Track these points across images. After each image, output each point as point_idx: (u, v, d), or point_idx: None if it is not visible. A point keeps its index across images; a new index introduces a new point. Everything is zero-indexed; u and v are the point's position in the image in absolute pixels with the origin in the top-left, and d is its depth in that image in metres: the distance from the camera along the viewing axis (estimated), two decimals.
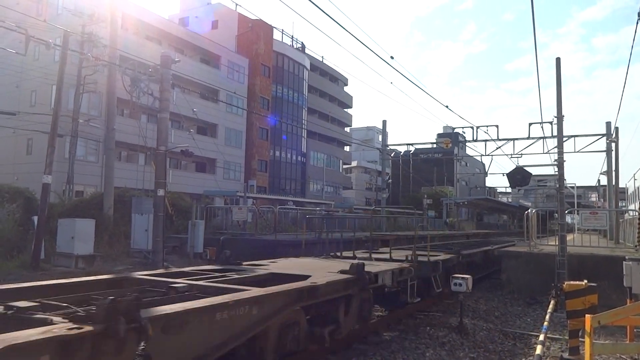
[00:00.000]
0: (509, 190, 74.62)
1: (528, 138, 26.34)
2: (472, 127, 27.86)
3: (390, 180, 68.08)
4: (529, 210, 15.92)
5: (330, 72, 64.36)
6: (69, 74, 18.91)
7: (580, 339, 6.60)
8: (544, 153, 26.98)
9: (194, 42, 41.89)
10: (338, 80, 67.64)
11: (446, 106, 23.70)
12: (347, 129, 72.16)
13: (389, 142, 36.21)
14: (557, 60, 13.56)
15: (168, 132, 15.98)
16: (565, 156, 14.20)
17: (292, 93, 53.05)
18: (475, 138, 27.85)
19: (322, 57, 70.63)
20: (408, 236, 27.54)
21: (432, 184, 60.77)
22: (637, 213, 16.30)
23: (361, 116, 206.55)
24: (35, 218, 16.00)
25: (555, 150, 14.57)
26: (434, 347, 7.52)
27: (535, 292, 12.33)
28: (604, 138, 24.79)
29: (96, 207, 20.25)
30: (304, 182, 54.32)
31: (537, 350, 5.35)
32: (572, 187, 44.59)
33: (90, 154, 31.43)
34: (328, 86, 64.85)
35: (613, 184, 23.38)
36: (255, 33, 47.57)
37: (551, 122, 22.83)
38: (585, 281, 6.83)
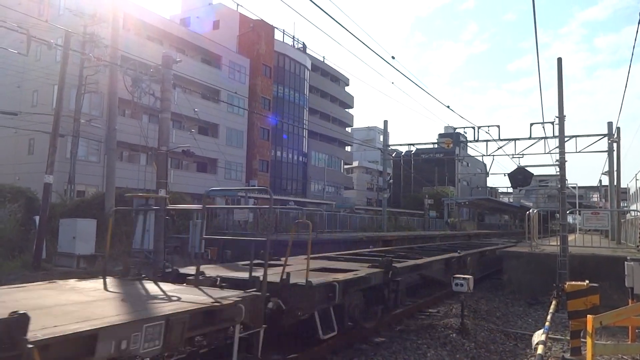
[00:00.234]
0: (510, 190, 74.66)
1: (529, 138, 26.30)
2: (473, 127, 27.84)
3: (391, 181, 68.12)
4: (530, 211, 15.90)
5: (332, 72, 64.36)
6: (70, 74, 18.94)
7: (582, 340, 6.58)
8: (545, 153, 26.98)
9: (195, 42, 41.90)
10: (339, 80, 67.63)
11: (447, 106, 23.67)
12: (349, 129, 72.16)
13: (390, 142, 36.16)
14: (559, 60, 13.55)
15: (169, 132, 15.97)
16: (567, 156, 14.20)
17: (293, 93, 53.04)
18: (476, 138, 27.82)
19: (324, 57, 70.74)
20: (409, 237, 27.65)
21: (434, 184, 60.77)
22: (639, 213, 16.27)
23: (362, 116, 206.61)
24: (37, 218, 16.03)
25: (557, 150, 14.55)
26: (435, 348, 7.52)
27: (537, 293, 12.31)
28: (606, 138, 24.74)
29: (97, 207, 20.25)
30: (305, 183, 54.31)
31: (539, 350, 5.35)
32: (574, 188, 44.50)
33: (92, 154, 31.45)
34: (329, 86, 64.83)
35: (615, 184, 23.33)
36: (256, 33, 47.58)
37: (552, 122, 22.81)
38: (586, 281, 6.81)
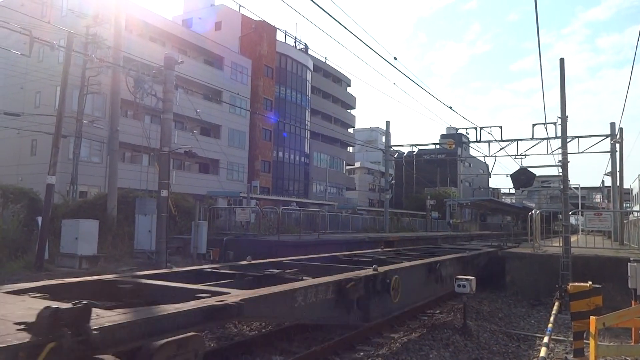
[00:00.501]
0: (512, 191, 74.55)
1: (532, 139, 26.28)
2: (475, 128, 27.83)
3: (393, 182, 68.07)
4: (532, 212, 15.87)
5: (334, 73, 64.38)
6: (73, 75, 18.97)
7: (584, 341, 6.56)
8: (547, 154, 26.96)
9: (197, 43, 41.98)
10: (341, 81, 67.64)
11: (449, 107, 23.65)
12: (351, 130, 72.17)
13: (392, 143, 36.17)
14: (561, 60, 13.52)
15: (171, 133, 15.99)
16: (570, 157, 14.17)
17: (295, 94, 53.07)
18: (478, 139, 27.81)
19: (325, 58, 70.69)
20: (411, 238, 27.59)
21: (436, 185, 60.71)
22: None
23: (364, 117, 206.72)
24: (40, 219, 16.05)
25: (559, 151, 14.50)
26: (437, 349, 7.50)
27: (540, 294, 12.28)
28: (608, 139, 24.72)
29: (100, 208, 20.30)
30: (307, 183, 54.32)
31: (542, 352, 5.32)
32: (576, 188, 44.45)
33: (94, 155, 31.51)
34: (331, 87, 64.84)
35: (617, 184, 23.30)
36: (258, 34, 47.63)
37: (555, 123, 22.82)
38: (589, 283, 6.79)
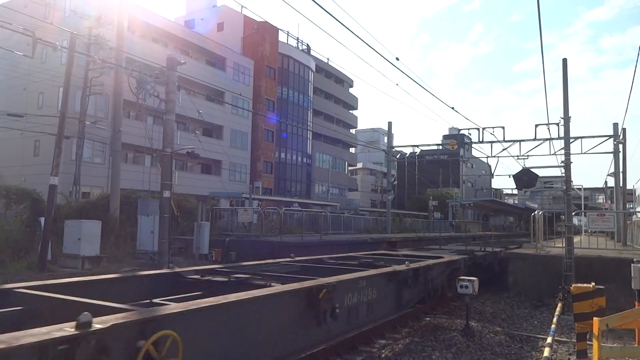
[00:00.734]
0: (515, 191, 74.38)
1: (534, 139, 26.23)
2: (478, 129, 27.79)
3: (395, 182, 67.98)
4: (535, 212, 15.83)
5: (336, 73, 64.38)
6: (75, 76, 19.01)
7: (588, 342, 6.54)
8: (550, 154, 26.91)
9: (199, 44, 42.04)
10: (343, 81, 67.63)
11: (452, 107, 23.66)
12: (353, 131, 72.12)
13: (394, 144, 36.10)
14: (564, 61, 13.49)
15: (174, 133, 16.00)
16: (572, 157, 14.12)
17: (298, 95, 53.09)
18: (481, 139, 27.77)
19: (328, 58, 70.55)
20: (414, 238, 27.57)
21: (438, 186, 60.65)
22: None
23: (367, 118, 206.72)
24: (42, 219, 16.09)
25: (562, 151, 14.49)
26: (440, 350, 7.49)
27: (543, 295, 12.25)
28: (611, 139, 24.66)
29: (102, 209, 20.33)
30: (309, 184, 54.31)
31: (545, 353, 5.31)
32: (579, 189, 44.30)
33: (97, 156, 31.57)
34: (333, 88, 64.83)
35: (620, 185, 23.22)
36: (260, 35, 47.67)
37: (558, 124, 22.79)
38: (592, 284, 6.77)
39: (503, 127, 26.87)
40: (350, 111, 69.84)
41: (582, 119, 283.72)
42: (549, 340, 5.95)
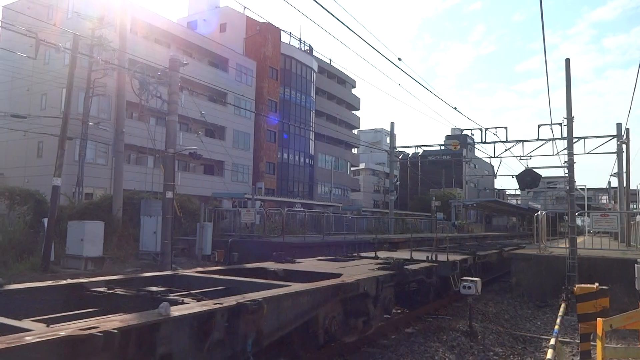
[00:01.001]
0: (518, 192, 74.32)
1: (537, 140, 26.12)
2: (480, 129, 27.69)
3: (398, 183, 67.94)
4: (538, 213, 15.79)
5: (338, 74, 64.38)
6: (78, 77, 19.06)
7: (591, 343, 6.51)
8: (553, 155, 26.86)
9: (202, 45, 42.10)
10: (346, 82, 67.61)
11: (454, 108, 23.61)
12: (355, 131, 72.08)
13: (397, 144, 36.11)
14: (567, 61, 13.45)
15: (176, 134, 16.05)
16: (576, 158, 14.08)
17: (300, 95, 53.11)
18: (484, 140, 27.66)
19: (330, 59, 70.56)
20: (416, 239, 27.53)
21: (441, 186, 60.55)
22: None
23: (369, 118, 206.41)
24: (46, 220, 16.13)
25: (565, 151, 14.44)
26: (443, 351, 7.47)
27: (546, 295, 12.21)
28: (615, 139, 24.56)
29: (105, 210, 20.37)
30: (312, 185, 54.32)
31: (548, 354, 5.28)
32: (583, 189, 44.15)
33: (100, 157, 31.65)
34: (336, 88, 64.83)
35: (624, 185, 23.12)
36: (263, 36, 47.71)
37: (561, 124, 22.67)
38: (596, 284, 6.74)
39: (506, 128, 26.80)
40: (353, 112, 69.83)
41: (585, 119, 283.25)
42: (552, 341, 5.92)
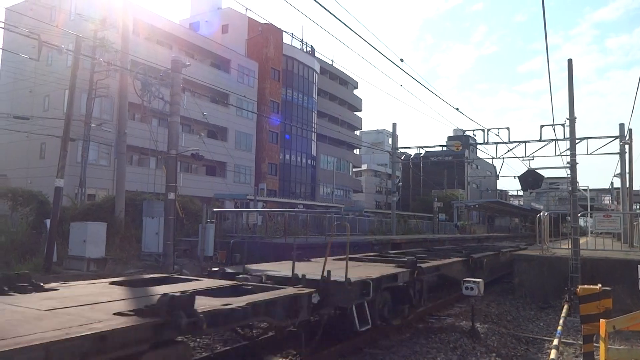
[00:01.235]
0: (520, 193, 74.16)
1: (540, 140, 26.04)
2: (482, 130, 27.61)
3: (400, 184, 67.88)
4: (541, 213, 15.76)
5: (340, 75, 64.40)
6: (81, 78, 19.09)
7: (594, 344, 6.50)
8: (556, 155, 26.76)
9: (204, 47, 42.17)
10: (348, 83, 67.62)
11: (456, 109, 23.53)
12: (357, 132, 72.08)
13: (399, 145, 35.99)
14: (569, 61, 13.43)
15: (179, 135, 16.05)
16: (578, 158, 14.04)
17: (302, 96, 53.14)
18: (486, 141, 27.59)
19: (332, 60, 70.61)
20: (417, 240, 27.50)
21: (443, 187, 60.49)
22: None
23: (371, 119, 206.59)
24: (48, 221, 16.16)
25: (568, 152, 14.40)
26: (445, 352, 7.46)
27: (548, 296, 12.18)
28: (617, 140, 24.49)
29: (108, 211, 20.41)
30: (314, 186, 54.32)
31: (551, 355, 5.28)
32: (585, 190, 44.08)
33: (102, 158, 31.71)
34: (338, 89, 64.84)
35: (627, 186, 23.07)
36: (265, 37, 47.76)
37: (563, 124, 22.59)
38: (599, 285, 6.72)
39: (508, 128, 26.70)
40: (355, 113, 69.83)
41: (587, 120, 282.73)
42: (555, 342, 5.91)
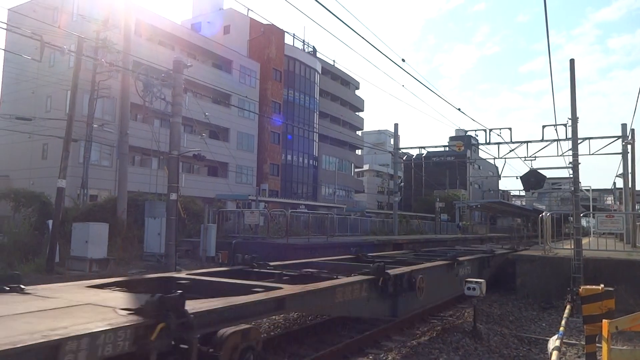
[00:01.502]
0: (522, 193, 73.93)
1: (542, 140, 26.02)
2: (484, 130, 27.62)
3: (402, 184, 67.83)
4: (543, 214, 15.72)
5: (342, 75, 64.39)
6: (83, 79, 19.14)
7: (597, 345, 6.47)
8: (558, 156, 26.70)
9: (206, 47, 42.21)
10: (349, 83, 67.61)
11: (458, 109, 23.53)
12: (359, 133, 72.05)
13: (401, 146, 36.01)
14: (571, 61, 13.40)
15: (180, 136, 16.05)
16: (580, 159, 14.01)
17: (304, 97, 53.14)
18: (488, 141, 27.59)
19: (334, 60, 70.65)
20: (420, 240, 27.48)
21: (445, 187, 60.43)
22: None
23: (373, 119, 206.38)
24: (50, 222, 16.19)
25: (570, 152, 14.38)
26: (447, 352, 7.44)
27: (551, 297, 12.15)
28: (620, 140, 24.44)
29: (110, 211, 20.42)
30: (315, 186, 54.30)
31: (553, 356, 5.25)
32: (587, 190, 43.93)
33: (104, 159, 31.75)
34: (339, 90, 64.82)
35: (629, 186, 23.01)
36: (266, 38, 47.78)
37: (565, 125, 22.59)
38: (601, 285, 6.70)
39: (510, 129, 26.70)
40: (357, 113, 69.82)
41: (590, 120, 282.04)
42: (557, 343, 5.89)
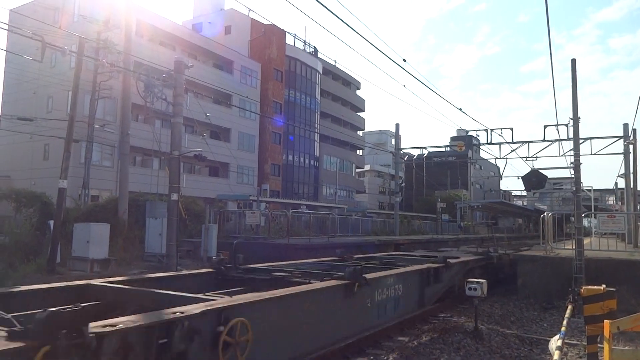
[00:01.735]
0: (524, 193, 73.83)
1: (543, 140, 25.98)
2: (486, 130, 27.56)
3: (403, 184, 67.81)
4: (544, 214, 15.69)
5: (343, 75, 64.39)
6: (84, 80, 19.16)
7: (598, 345, 6.45)
8: (559, 156, 26.64)
9: (207, 48, 42.24)
10: (351, 84, 67.60)
11: (459, 109, 23.52)
12: (360, 133, 72.03)
13: (402, 146, 35.99)
14: (573, 61, 13.38)
15: (181, 136, 16.06)
16: (582, 159, 13.99)
17: (305, 97, 53.15)
18: (489, 141, 27.54)
19: (335, 60, 70.65)
20: (421, 241, 27.47)
21: (446, 188, 60.40)
22: None
23: (374, 120, 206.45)
24: (52, 222, 16.20)
25: (571, 152, 14.35)
26: (448, 352, 7.43)
27: (552, 297, 12.12)
28: (621, 140, 24.39)
29: (111, 212, 20.43)
30: (316, 186, 54.30)
31: (555, 356, 5.25)
32: (589, 190, 43.85)
33: (106, 159, 31.79)
34: (341, 90, 64.81)
35: (631, 186, 22.96)
36: (267, 38, 47.80)
37: (567, 124, 22.57)
38: (603, 286, 6.68)
39: (511, 129, 26.65)
40: (358, 113, 69.80)
41: (591, 120, 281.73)
42: (559, 343, 5.88)
